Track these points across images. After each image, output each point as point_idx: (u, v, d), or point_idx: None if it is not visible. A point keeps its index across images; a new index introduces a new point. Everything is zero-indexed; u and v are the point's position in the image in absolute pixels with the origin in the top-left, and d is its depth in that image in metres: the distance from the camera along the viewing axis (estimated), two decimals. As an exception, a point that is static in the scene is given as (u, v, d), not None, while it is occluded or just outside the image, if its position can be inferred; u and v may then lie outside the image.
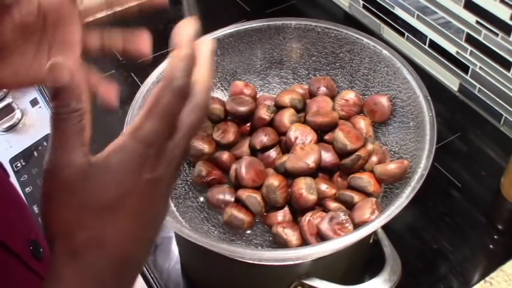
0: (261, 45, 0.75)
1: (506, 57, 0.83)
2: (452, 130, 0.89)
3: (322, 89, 0.73)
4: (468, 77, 0.92)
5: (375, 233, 0.60)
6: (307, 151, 0.63)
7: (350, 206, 0.61)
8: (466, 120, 0.93)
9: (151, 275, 0.71)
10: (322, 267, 0.58)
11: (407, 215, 0.76)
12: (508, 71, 0.84)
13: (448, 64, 0.95)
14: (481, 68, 0.88)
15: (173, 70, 0.31)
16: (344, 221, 0.57)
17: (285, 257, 0.52)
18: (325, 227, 0.57)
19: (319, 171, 0.65)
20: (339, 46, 0.73)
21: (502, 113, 0.89)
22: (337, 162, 0.65)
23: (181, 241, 0.69)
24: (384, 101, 0.69)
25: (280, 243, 0.60)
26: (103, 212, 0.31)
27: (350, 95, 0.71)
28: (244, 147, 0.69)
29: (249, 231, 0.64)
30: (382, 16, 1.05)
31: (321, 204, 0.62)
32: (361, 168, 0.64)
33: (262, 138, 0.67)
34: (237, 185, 0.64)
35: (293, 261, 0.55)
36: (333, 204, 0.61)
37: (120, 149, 0.31)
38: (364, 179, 0.62)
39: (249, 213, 0.62)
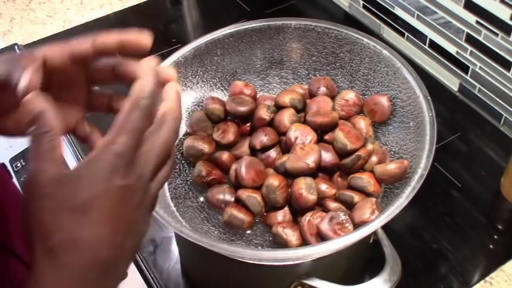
0: (261, 45, 0.75)
1: (506, 57, 0.83)
2: (452, 130, 0.89)
3: (322, 89, 0.73)
4: (468, 77, 0.92)
5: (375, 233, 0.60)
6: (307, 151, 0.63)
7: (350, 206, 0.61)
8: (466, 120, 0.93)
9: (151, 275, 0.71)
10: (322, 267, 0.58)
11: (407, 215, 0.76)
12: (508, 71, 0.84)
13: (448, 64, 0.95)
14: (481, 68, 0.88)
15: (140, 92, 0.36)
16: (344, 221, 0.57)
17: (285, 257, 0.52)
18: (325, 227, 0.57)
19: (319, 171, 0.65)
20: (339, 46, 0.73)
21: (502, 113, 0.89)
22: (337, 162, 0.65)
23: (181, 241, 0.69)
24: (384, 101, 0.69)
25: (280, 243, 0.60)
26: (77, 212, 0.33)
27: (350, 95, 0.71)
28: (244, 147, 0.69)
29: (249, 231, 0.64)
30: (382, 16, 1.05)
31: (321, 204, 0.62)
32: (361, 168, 0.64)
33: (262, 138, 0.67)
34: (237, 185, 0.64)
35: (293, 261, 0.55)
36: (333, 204, 0.61)
37: (92, 159, 0.34)
38: (364, 179, 0.62)
39: (249, 213, 0.62)
